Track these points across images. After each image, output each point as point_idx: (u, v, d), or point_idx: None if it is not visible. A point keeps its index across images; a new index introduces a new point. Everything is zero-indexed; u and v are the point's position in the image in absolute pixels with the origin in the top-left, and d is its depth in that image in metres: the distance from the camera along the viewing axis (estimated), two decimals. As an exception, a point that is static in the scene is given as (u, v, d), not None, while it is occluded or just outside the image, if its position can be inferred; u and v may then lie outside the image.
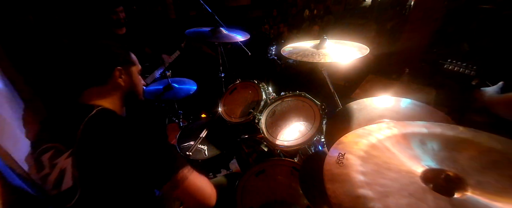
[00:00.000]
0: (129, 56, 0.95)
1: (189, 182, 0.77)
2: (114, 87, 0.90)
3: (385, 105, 1.16)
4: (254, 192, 1.18)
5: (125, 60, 0.93)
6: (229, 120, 1.61)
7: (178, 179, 0.75)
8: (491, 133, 0.65)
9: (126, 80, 0.93)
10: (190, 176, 0.78)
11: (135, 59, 0.98)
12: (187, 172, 0.78)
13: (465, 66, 1.43)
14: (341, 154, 0.65)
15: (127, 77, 0.93)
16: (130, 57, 0.95)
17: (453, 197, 0.53)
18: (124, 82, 0.92)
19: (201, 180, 0.84)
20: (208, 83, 2.77)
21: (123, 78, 0.91)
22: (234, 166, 1.80)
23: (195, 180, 0.80)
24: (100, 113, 0.80)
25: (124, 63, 0.92)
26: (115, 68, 0.88)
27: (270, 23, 5.48)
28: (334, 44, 1.36)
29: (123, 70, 0.91)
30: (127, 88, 0.94)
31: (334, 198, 0.53)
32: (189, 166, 0.80)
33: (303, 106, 1.42)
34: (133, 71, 0.96)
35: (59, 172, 0.77)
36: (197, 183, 0.81)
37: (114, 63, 0.89)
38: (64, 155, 0.77)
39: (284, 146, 1.32)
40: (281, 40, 4.69)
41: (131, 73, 0.95)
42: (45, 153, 0.80)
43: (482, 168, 0.58)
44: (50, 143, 0.80)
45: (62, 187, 0.76)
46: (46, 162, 0.79)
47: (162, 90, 1.90)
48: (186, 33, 1.83)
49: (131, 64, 0.95)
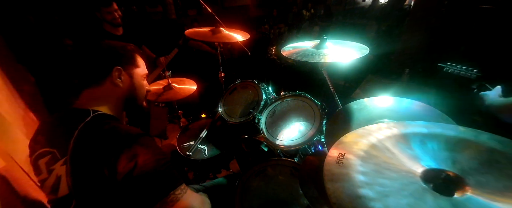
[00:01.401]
0: (133, 58, 0.93)
1: (180, 204, 0.74)
2: (113, 88, 0.88)
3: (385, 105, 1.16)
4: (254, 192, 1.18)
5: (127, 60, 0.91)
6: (229, 120, 1.62)
7: (168, 201, 0.72)
8: (491, 133, 0.65)
9: (126, 81, 0.91)
10: (182, 197, 0.74)
11: (140, 62, 0.96)
12: (178, 194, 0.74)
13: (465, 69, 1.43)
14: (341, 154, 0.65)
15: (127, 78, 0.91)
16: (133, 59, 0.94)
17: (453, 197, 0.53)
18: (123, 83, 0.90)
19: (193, 200, 0.80)
20: (208, 83, 2.78)
21: (123, 78, 0.89)
22: (234, 166, 1.80)
23: (186, 201, 0.76)
24: (95, 119, 0.79)
25: (124, 64, 0.90)
26: (114, 67, 0.86)
27: (270, 23, 5.49)
28: (334, 44, 1.36)
29: (123, 71, 0.89)
30: (127, 90, 0.92)
31: (334, 198, 0.53)
32: (182, 186, 0.77)
33: (303, 106, 1.42)
34: (135, 73, 0.94)
35: (55, 178, 0.76)
36: (188, 205, 0.77)
37: (113, 62, 0.87)
38: (59, 162, 0.76)
39: (284, 146, 1.32)
40: (281, 40, 4.69)
41: (132, 75, 0.93)
42: (42, 158, 0.79)
43: (482, 168, 0.58)
44: (46, 148, 0.79)
45: (59, 194, 0.75)
46: (43, 167, 0.78)
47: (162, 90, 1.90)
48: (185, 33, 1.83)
49: (133, 66, 0.93)
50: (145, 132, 0.78)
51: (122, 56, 0.90)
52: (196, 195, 0.85)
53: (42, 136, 0.82)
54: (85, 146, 0.73)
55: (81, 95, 0.87)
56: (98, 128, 0.76)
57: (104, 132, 0.75)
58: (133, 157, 0.71)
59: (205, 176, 1.74)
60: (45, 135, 0.83)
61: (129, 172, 0.70)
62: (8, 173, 0.91)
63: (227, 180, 1.40)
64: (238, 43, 2.12)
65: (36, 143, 0.82)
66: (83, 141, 0.74)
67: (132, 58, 0.93)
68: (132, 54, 0.93)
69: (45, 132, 0.83)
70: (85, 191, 0.73)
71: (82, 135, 0.74)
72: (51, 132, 0.82)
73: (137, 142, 0.73)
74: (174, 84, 1.88)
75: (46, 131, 0.84)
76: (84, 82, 0.87)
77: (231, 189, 1.21)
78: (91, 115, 0.79)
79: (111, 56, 0.88)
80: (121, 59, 0.90)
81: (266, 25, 5.46)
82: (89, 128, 0.76)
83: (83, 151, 0.73)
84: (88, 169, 0.72)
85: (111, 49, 0.89)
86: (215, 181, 1.43)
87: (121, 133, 0.75)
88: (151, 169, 0.72)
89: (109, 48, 0.89)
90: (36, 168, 0.80)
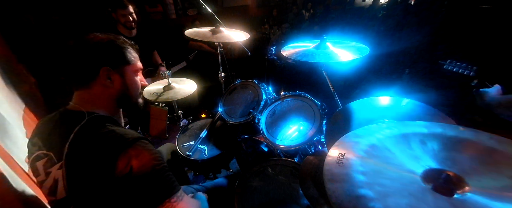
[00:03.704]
0: (122, 54, 0.86)
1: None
2: (103, 89, 0.83)
3: (385, 105, 1.16)
4: (254, 192, 1.18)
5: (115, 58, 0.84)
6: (229, 120, 1.61)
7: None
8: (491, 133, 0.65)
9: (116, 80, 0.85)
10: (177, 205, 0.73)
11: (132, 57, 0.89)
12: (174, 202, 0.73)
13: (465, 67, 1.43)
14: (341, 154, 0.65)
15: (117, 78, 0.85)
16: (123, 55, 0.86)
17: (453, 197, 0.53)
18: (113, 83, 0.85)
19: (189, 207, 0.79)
20: (208, 83, 2.78)
21: (113, 78, 0.84)
22: (234, 166, 1.80)
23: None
24: (90, 122, 0.76)
25: (113, 62, 0.83)
26: (101, 68, 0.80)
27: (270, 23, 5.48)
28: (334, 44, 1.36)
29: (112, 70, 0.83)
30: (119, 90, 0.87)
31: (334, 198, 0.53)
32: (179, 193, 0.76)
33: (303, 106, 1.42)
34: (127, 70, 0.88)
35: (53, 180, 0.75)
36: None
37: (100, 62, 0.81)
38: (56, 166, 0.75)
39: (284, 146, 1.32)
40: (281, 40, 4.69)
41: (123, 73, 0.87)
42: (39, 160, 0.78)
43: (482, 168, 0.58)
44: (43, 151, 0.78)
45: (57, 196, 0.75)
46: (41, 169, 0.78)
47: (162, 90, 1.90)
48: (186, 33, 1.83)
49: (123, 63, 0.86)
50: (141, 136, 0.76)
51: (110, 55, 0.83)
52: (192, 201, 0.84)
53: (38, 138, 0.82)
54: (80, 152, 0.72)
55: (75, 96, 0.84)
56: (93, 133, 0.74)
57: (99, 137, 0.73)
58: (128, 163, 0.69)
59: (205, 176, 1.74)
60: (41, 137, 0.82)
61: (124, 178, 0.69)
62: (8, 173, 0.90)
63: (227, 180, 1.40)
64: (238, 43, 2.12)
65: (33, 145, 0.82)
66: (78, 146, 0.73)
67: (121, 55, 0.86)
68: (121, 50, 0.85)
69: (41, 134, 0.82)
70: (81, 196, 0.73)
71: (77, 139, 0.73)
72: (47, 134, 0.81)
73: (132, 147, 0.71)
74: (174, 84, 1.88)
75: (42, 133, 0.83)
76: (74, 84, 0.83)
77: (231, 189, 1.21)
78: (86, 118, 0.76)
79: (97, 56, 0.81)
80: (109, 58, 0.83)
81: (266, 25, 5.45)
82: (84, 132, 0.74)
83: (78, 157, 0.72)
84: (83, 175, 0.71)
85: (97, 48, 0.81)
86: (215, 181, 1.43)
87: (116, 138, 0.73)
88: (146, 175, 0.71)
89: (94, 46, 0.81)
90: (34, 169, 0.80)
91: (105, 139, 0.73)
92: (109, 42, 0.84)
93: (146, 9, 4.18)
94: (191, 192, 1.19)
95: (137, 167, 0.70)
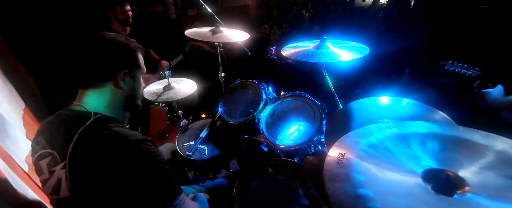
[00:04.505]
0: (137, 59, 0.90)
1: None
2: (115, 90, 0.85)
3: (385, 105, 1.16)
4: (254, 192, 1.18)
5: (132, 62, 0.88)
6: (229, 120, 1.61)
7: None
8: (491, 133, 0.65)
9: (129, 83, 0.88)
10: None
11: (141, 61, 0.93)
12: (176, 206, 0.74)
13: (466, 67, 1.43)
14: (341, 154, 0.65)
15: (130, 80, 0.89)
16: (137, 60, 0.90)
17: (453, 197, 0.53)
18: (126, 86, 0.87)
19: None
20: (208, 83, 2.78)
21: (127, 81, 0.87)
22: (234, 166, 1.80)
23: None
24: (96, 123, 0.76)
25: (130, 66, 0.87)
26: (119, 71, 0.84)
27: (270, 23, 5.49)
28: (334, 44, 1.36)
29: (128, 74, 0.86)
30: (129, 92, 0.90)
31: (334, 198, 0.53)
32: (181, 196, 0.76)
33: (303, 106, 1.42)
34: (139, 74, 0.93)
35: (57, 179, 0.76)
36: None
37: (119, 65, 0.84)
38: (60, 165, 0.75)
39: (284, 146, 1.32)
40: (281, 40, 4.69)
41: (135, 76, 0.91)
42: (43, 159, 0.78)
43: (482, 168, 0.58)
44: (47, 149, 0.79)
45: (61, 195, 0.75)
46: (44, 168, 0.78)
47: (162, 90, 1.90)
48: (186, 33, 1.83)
49: (137, 67, 0.91)
50: (145, 138, 0.76)
51: (127, 57, 0.87)
52: (194, 204, 0.86)
53: (43, 137, 0.82)
54: (84, 152, 0.72)
55: (82, 95, 0.84)
56: (98, 134, 0.74)
57: (103, 138, 0.73)
58: (131, 165, 0.70)
59: (205, 176, 1.74)
60: (45, 136, 0.82)
61: (127, 179, 0.69)
62: (7, 173, 0.90)
63: (227, 180, 1.40)
64: (238, 43, 2.12)
65: (37, 143, 0.82)
66: (82, 146, 0.73)
67: (136, 59, 0.90)
68: (135, 54, 0.90)
69: (46, 133, 0.83)
70: (84, 196, 0.73)
71: (82, 140, 0.73)
72: (51, 134, 0.81)
73: (136, 149, 0.72)
74: (174, 84, 1.88)
75: (47, 132, 0.83)
76: (83, 83, 0.84)
77: (231, 189, 1.21)
78: (92, 118, 0.76)
79: (115, 58, 0.84)
80: (126, 60, 0.86)
81: (266, 25, 5.46)
82: (88, 132, 0.74)
83: (81, 157, 0.72)
84: (86, 176, 0.72)
85: (115, 49, 0.84)
86: (215, 181, 1.43)
87: (120, 140, 0.73)
88: (150, 177, 0.71)
89: (112, 48, 0.83)
90: (38, 168, 0.80)
91: (109, 140, 0.73)
92: (125, 45, 0.86)
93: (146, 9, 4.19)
94: (192, 192, 1.19)
95: (140, 169, 0.70)
